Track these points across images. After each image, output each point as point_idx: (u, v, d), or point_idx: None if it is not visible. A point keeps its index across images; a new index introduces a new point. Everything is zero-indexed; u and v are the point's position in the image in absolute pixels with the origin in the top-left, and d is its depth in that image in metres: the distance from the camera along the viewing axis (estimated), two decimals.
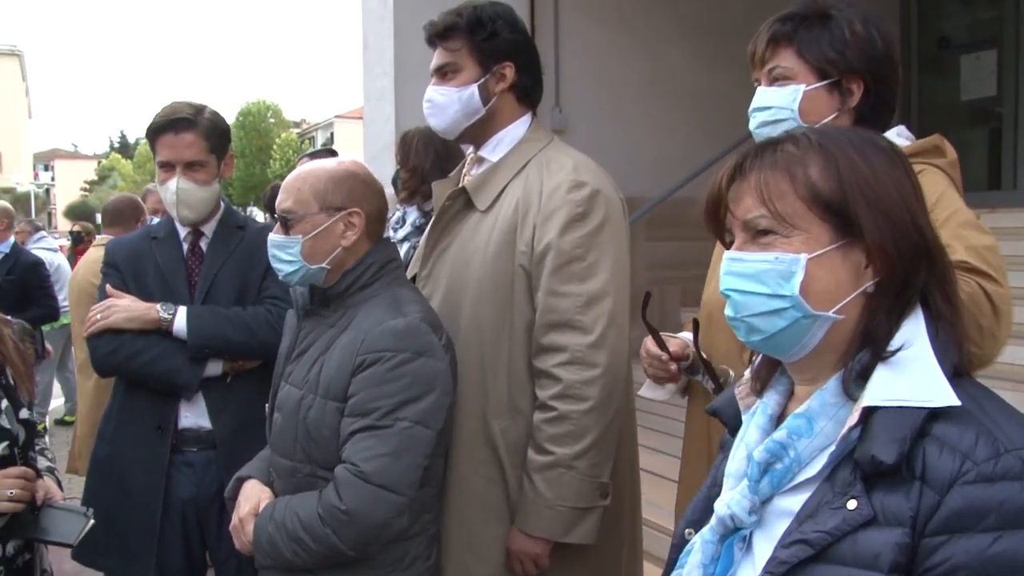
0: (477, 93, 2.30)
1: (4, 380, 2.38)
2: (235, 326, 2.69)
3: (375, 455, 1.94)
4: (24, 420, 2.39)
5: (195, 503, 2.74)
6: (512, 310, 2.21)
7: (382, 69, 6.27)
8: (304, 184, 2.13)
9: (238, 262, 2.81)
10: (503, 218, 2.24)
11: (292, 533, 1.98)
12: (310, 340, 2.15)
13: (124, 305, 2.71)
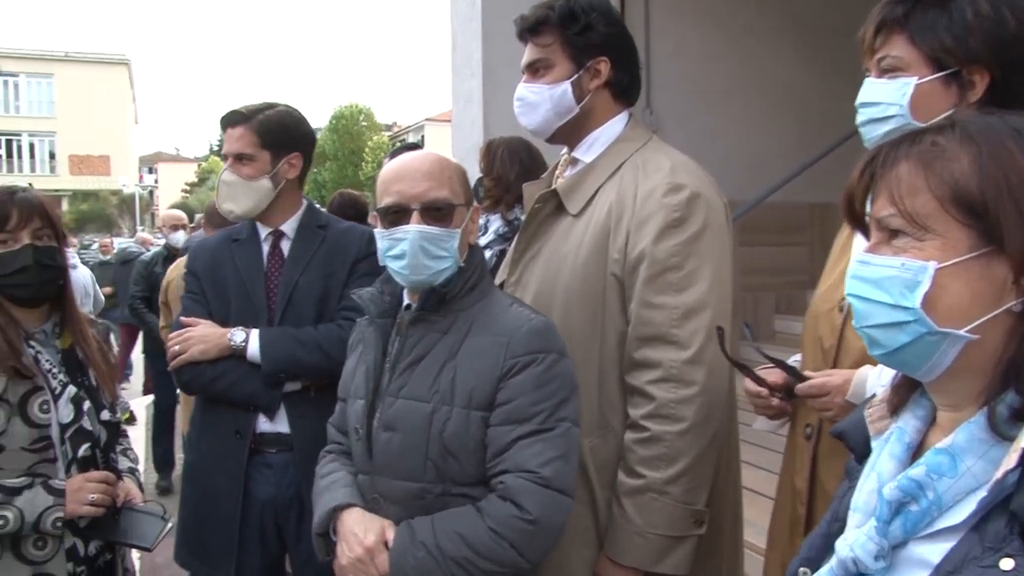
0: (570, 90, 2.17)
1: (87, 381, 2.37)
2: (307, 348, 2.63)
3: (549, 459, 1.81)
4: (105, 421, 2.38)
5: (273, 504, 2.71)
6: (604, 321, 2.08)
7: (470, 71, 6.21)
8: (453, 174, 1.99)
9: (319, 267, 2.74)
10: (595, 223, 2.11)
11: (453, 554, 1.78)
12: (423, 349, 1.95)
13: (198, 336, 2.70)
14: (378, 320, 2.03)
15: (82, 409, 2.30)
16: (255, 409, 2.70)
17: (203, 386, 2.74)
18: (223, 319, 2.75)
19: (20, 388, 2.19)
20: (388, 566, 1.83)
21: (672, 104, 6.50)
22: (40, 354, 2.28)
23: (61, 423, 2.25)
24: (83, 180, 52.60)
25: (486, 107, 5.97)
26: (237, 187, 2.73)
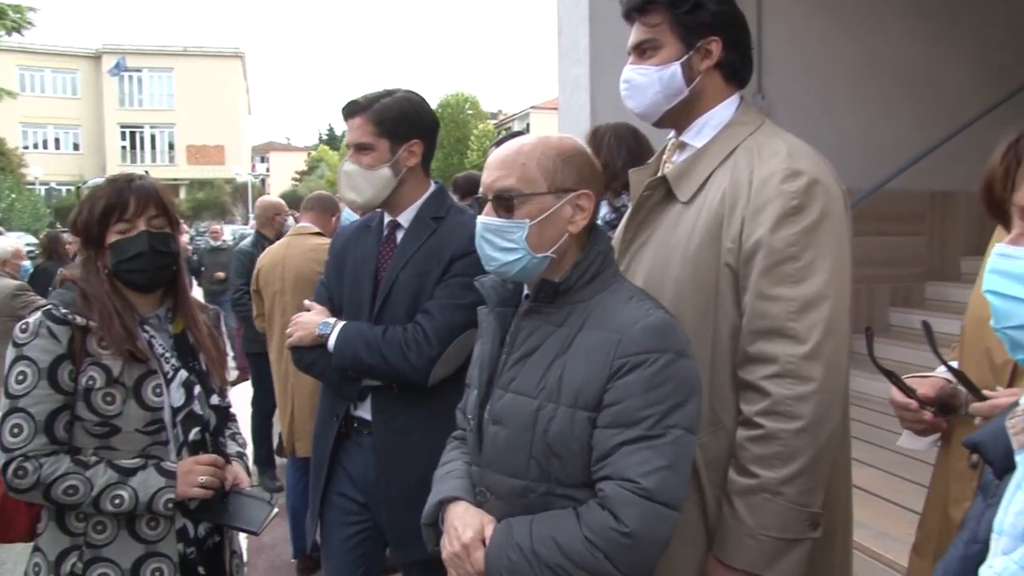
0: (680, 72, 2.08)
1: (198, 366, 2.42)
2: (370, 350, 2.64)
3: (654, 469, 1.69)
4: (215, 406, 2.42)
5: (361, 481, 2.80)
6: (716, 313, 1.99)
7: (577, 57, 6.15)
8: (530, 160, 1.87)
9: (420, 261, 2.72)
10: (707, 211, 2.01)
11: (547, 560, 1.72)
12: (535, 342, 1.88)
13: (302, 322, 2.80)
14: (498, 309, 1.98)
15: (193, 393, 2.35)
16: (341, 396, 2.80)
17: (305, 368, 2.85)
18: (339, 306, 2.83)
19: (135, 371, 2.25)
20: (483, 564, 1.80)
21: (784, 88, 6.30)
22: (154, 339, 2.34)
23: (173, 406, 2.30)
24: (199, 169, 54.62)
25: (593, 93, 5.90)
26: (357, 177, 2.73)
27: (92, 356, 2.22)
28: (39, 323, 2.21)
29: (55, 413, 2.19)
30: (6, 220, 29.02)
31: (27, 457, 2.16)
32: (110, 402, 2.21)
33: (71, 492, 2.16)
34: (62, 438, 2.21)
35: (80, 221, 2.32)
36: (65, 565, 2.23)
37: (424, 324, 2.62)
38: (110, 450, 2.24)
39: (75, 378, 2.20)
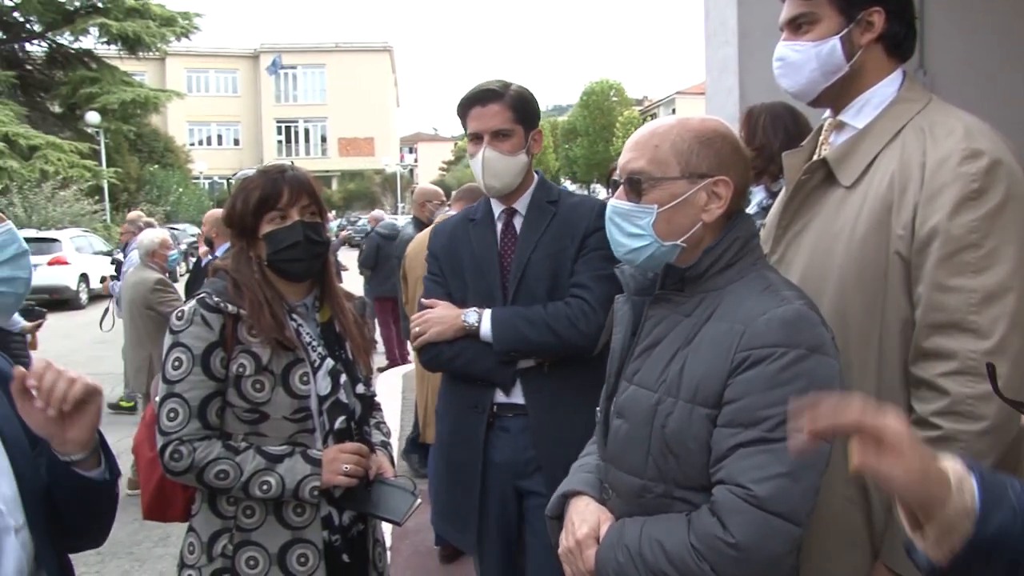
0: (839, 46, 1.93)
1: (344, 355, 2.43)
2: (536, 328, 2.62)
3: (769, 475, 1.56)
4: (360, 395, 2.44)
5: (511, 466, 2.75)
6: (884, 305, 1.84)
7: (724, 38, 5.94)
8: (663, 142, 1.76)
9: (549, 243, 2.71)
10: (874, 195, 1.86)
11: (653, 566, 1.64)
12: (661, 332, 1.79)
13: (436, 317, 2.78)
14: (635, 297, 1.90)
15: (339, 382, 2.36)
16: (492, 385, 2.75)
17: (443, 364, 2.82)
18: (461, 299, 2.80)
19: (283, 360, 2.28)
20: (593, 563, 1.74)
21: (950, 64, 5.90)
22: (301, 327, 2.36)
23: (319, 395, 2.32)
24: (350, 161, 56.45)
25: (742, 75, 5.68)
26: (498, 163, 2.72)
27: (243, 344, 2.27)
28: (193, 311, 2.27)
29: (208, 399, 2.25)
30: (174, 212, 30.79)
31: (182, 441, 2.23)
32: (259, 389, 2.25)
33: (222, 476, 2.22)
34: (214, 423, 2.27)
35: (235, 212, 2.36)
36: (216, 546, 2.29)
37: (585, 295, 2.62)
38: (259, 436, 2.29)
39: (227, 365, 2.26)
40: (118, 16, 33.28)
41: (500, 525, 2.80)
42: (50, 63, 35.24)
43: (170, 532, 5.62)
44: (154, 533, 5.73)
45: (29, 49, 35.21)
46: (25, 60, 34.79)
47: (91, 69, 34.51)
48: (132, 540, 5.66)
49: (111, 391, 8.49)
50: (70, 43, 34.81)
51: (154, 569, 5.25)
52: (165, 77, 49.47)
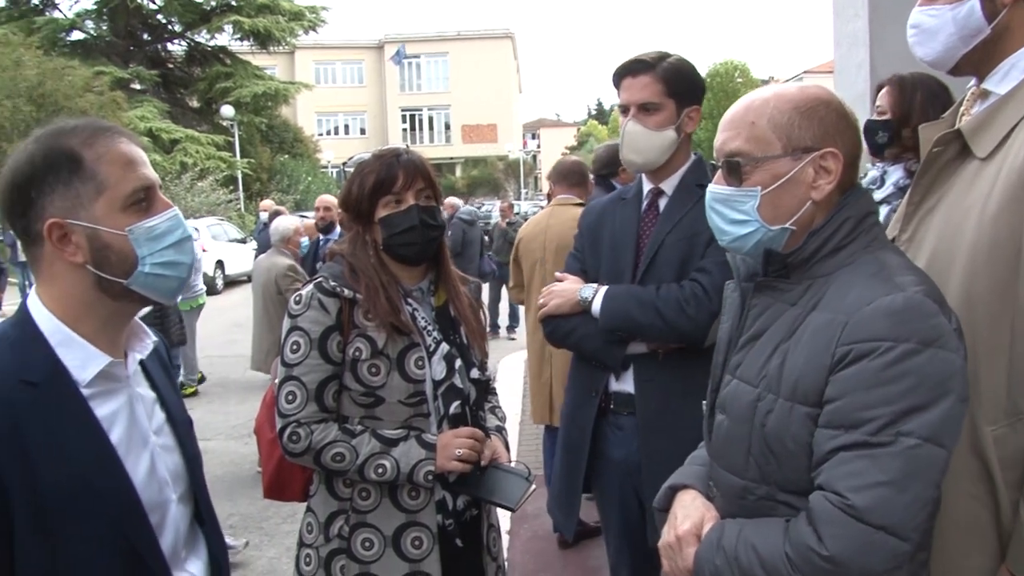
0: (979, 7, 1.75)
1: (459, 339, 2.43)
2: (643, 308, 2.54)
3: (869, 484, 1.43)
4: (475, 379, 2.43)
5: (625, 465, 2.72)
6: (1017, 287, 1.65)
7: (854, 11, 5.68)
8: (760, 117, 1.63)
9: (688, 225, 2.61)
10: (1010, 168, 1.67)
11: (746, 570, 1.54)
12: (764, 322, 1.67)
13: (558, 290, 2.78)
14: (744, 284, 1.77)
15: (454, 366, 2.36)
16: (602, 366, 2.72)
17: (560, 338, 2.81)
18: (595, 277, 2.77)
19: (398, 344, 2.29)
20: (692, 561, 1.66)
21: None
22: (417, 311, 2.37)
23: (434, 379, 2.33)
24: (473, 148, 56.93)
25: (873, 48, 5.42)
26: (641, 137, 2.64)
27: (359, 328, 2.29)
28: (311, 295, 2.31)
29: (325, 382, 2.28)
30: (303, 200, 31.77)
31: (300, 423, 2.27)
32: (375, 373, 2.27)
33: (338, 459, 2.25)
34: (331, 406, 2.30)
35: (351, 197, 2.38)
36: (333, 527, 2.33)
37: (702, 280, 2.53)
38: (374, 420, 2.31)
39: (343, 349, 2.28)
40: (250, 13, 34.65)
41: (623, 526, 2.79)
42: (189, 61, 37.02)
43: (297, 509, 5.73)
44: (282, 510, 5.91)
45: (170, 48, 37.06)
46: (167, 59, 36.67)
47: (226, 65, 36.08)
48: (262, 516, 5.88)
49: (243, 373, 8.83)
50: (206, 41, 36.52)
51: (281, 544, 5.43)
52: (294, 70, 50.98)
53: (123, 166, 1.52)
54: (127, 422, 1.57)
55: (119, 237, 1.51)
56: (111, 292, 1.53)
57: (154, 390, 1.69)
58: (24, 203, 1.48)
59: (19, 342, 1.49)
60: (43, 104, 23.56)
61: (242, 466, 6.77)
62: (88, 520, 1.44)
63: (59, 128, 1.52)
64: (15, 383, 1.42)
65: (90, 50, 33.09)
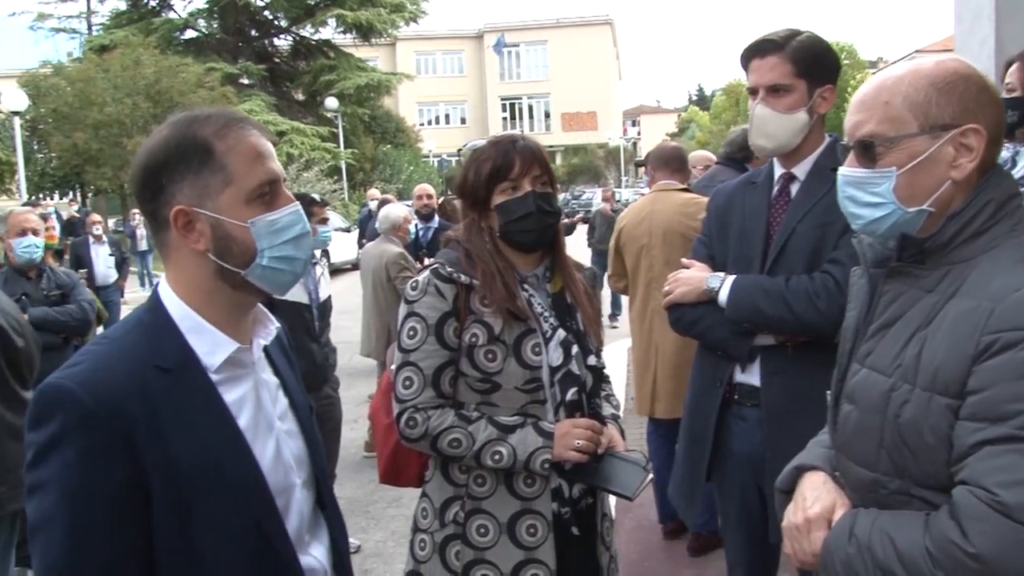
0: None
1: (575, 326, 2.40)
2: (771, 299, 2.47)
3: (1020, 480, 1.35)
4: (592, 366, 2.40)
5: (749, 459, 2.65)
6: None
7: None
8: (894, 96, 1.56)
9: (820, 213, 2.51)
10: None
11: (882, 563, 1.47)
12: (897, 309, 1.60)
13: (685, 278, 2.72)
14: (872, 270, 1.70)
15: (570, 353, 2.33)
16: (728, 357, 2.66)
17: (685, 327, 2.76)
18: (722, 264, 2.71)
19: (515, 330, 2.28)
20: (820, 546, 1.59)
21: None
22: (533, 297, 2.35)
23: (551, 366, 2.30)
24: (573, 135, 56.82)
25: (999, 22, 5.15)
26: (771, 121, 2.55)
27: (475, 314, 2.28)
28: (427, 281, 2.31)
29: (441, 368, 2.28)
30: (405, 190, 32.24)
31: (417, 409, 2.28)
32: (491, 359, 2.26)
33: (455, 445, 2.25)
34: (447, 392, 2.30)
35: (467, 183, 2.37)
36: (448, 513, 2.33)
37: (834, 272, 2.43)
38: (491, 406, 2.31)
39: (459, 335, 2.28)
40: (353, 6, 35.42)
41: (743, 518, 2.73)
42: (294, 55, 38.05)
43: (402, 494, 5.87)
44: (388, 495, 6.01)
45: (276, 43, 38.15)
46: (273, 54, 37.79)
47: (329, 58, 36.95)
48: (368, 500, 6.00)
49: (349, 359, 9.00)
50: (311, 35, 37.43)
51: (387, 528, 5.52)
52: (395, 61, 51.78)
53: (252, 159, 1.53)
54: (254, 407, 1.59)
55: (241, 228, 1.53)
56: (231, 281, 1.55)
57: (277, 376, 1.72)
58: (154, 188, 1.51)
59: (152, 328, 1.53)
60: (159, 100, 24.64)
61: (348, 450, 6.88)
62: (220, 503, 1.48)
63: (194, 116, 1.55)
64: (150, 368, 1.46)
65: (202, 47, 34.37)
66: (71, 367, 1.44)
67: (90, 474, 1.38)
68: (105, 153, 24.66)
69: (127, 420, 1.40)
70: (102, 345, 1.51)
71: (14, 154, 21.67)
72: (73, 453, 1.37)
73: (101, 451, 1.38)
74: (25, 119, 23.17)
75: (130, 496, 1.40)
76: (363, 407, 8.31)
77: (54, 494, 1.38)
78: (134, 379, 1.43)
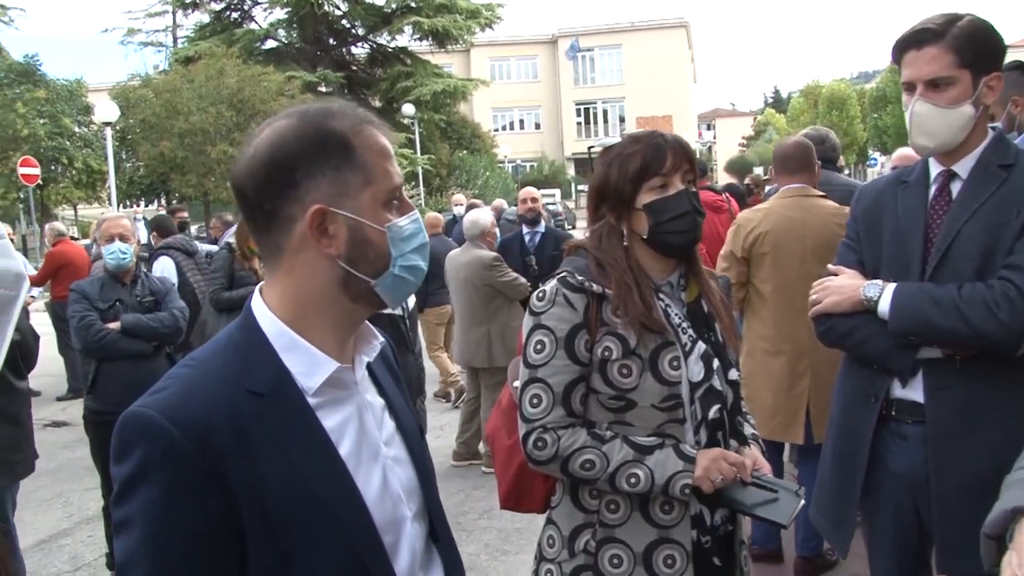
0: None
1: (713, 337, 2.21)
2: (943, 310, 2.24)
3: None
4: (732, 381, 2.20)
5: (907, 479, 2.44)
6: None
7: None
8: None
9: (990, 213, 2.29)
10: None
11: None
12: None
13: (835, 286, 2.52)
14: None
15: (712, 367, 2.14)
16: (886, 371, 2.44)
17: (836, 339, 2.56)
18: (873, 269, 2.51)
19: (651, 343, 2.09)
20: None
21: None
22: (669, 308, 2.17)
23: (691, 381, 2.11)
24: None
25: None
26: (932, 118, 2.34)
27: (608, 325, 2.10)
28: (555, 291, 2.14)
29: (572, 384, 2.11)
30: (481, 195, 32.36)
31: (546, 428, 2.10)
32: (626, 374, 2.08)
33: (587, 467, 2.08)
34: (578, 410, 2.13)
35: (609, 182, 2.19)
36: (579, 541, 2.16)
37: (1014, 278, 2.21)
38: (624, 425, 2.12)
39: (591, 348, 2.11)
40: (429, 13, 35.76)
41: (897, 542, 2.52)
42: (371, 62, 38.58)
43: (493, 505, 5.73)
44: (479, 505, 5.90)
45: (354, 51, 38.79)
46: (351, 62, 38.40)
47: (406, 65, 37.37)
48: (458, 511, 5.83)
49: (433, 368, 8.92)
50: (388, 42, 37.86)
51: (480, 541, 5.34)
52: (470, 67, 52.07)
53: (386, 159, 1.39)
54: (356, 433, 1.42)
55: (379, 233, 1.37)
56: (352, 292, 1.39)
57: (382, 396, 1.55)
58: (284, 182, 1.34)
59: (244, 347, 1.37)
60: (241, 109, 25.17)
61: (435, 459, 6.75)
62: (320, 543, 1.32)
63: (325, 109, 1.39)
64: (242, 392, 1.31)
65: (282, 57, 35.00)
66: (155, 393, 1.30)
67: (176, 512, 1.24)
68: (190, 161, 25.32)
69: (216, 452, 1.25)
70: (189, 368, 1.36)
71: (105, 163, 22.33)
72: (157, 490, 1.24)
73: (188, 487, 1.24)
74: (115, 129, 23.83)
75: (220, 536, 1.26)
76: (447, 414, 8.25)
77: (138, 533, 1.24)
78: (223, 406, 1.29)
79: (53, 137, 26.64)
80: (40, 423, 9.09)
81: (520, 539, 5.17)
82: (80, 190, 29.08)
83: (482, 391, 6.70)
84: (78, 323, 4.86)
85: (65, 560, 5.50)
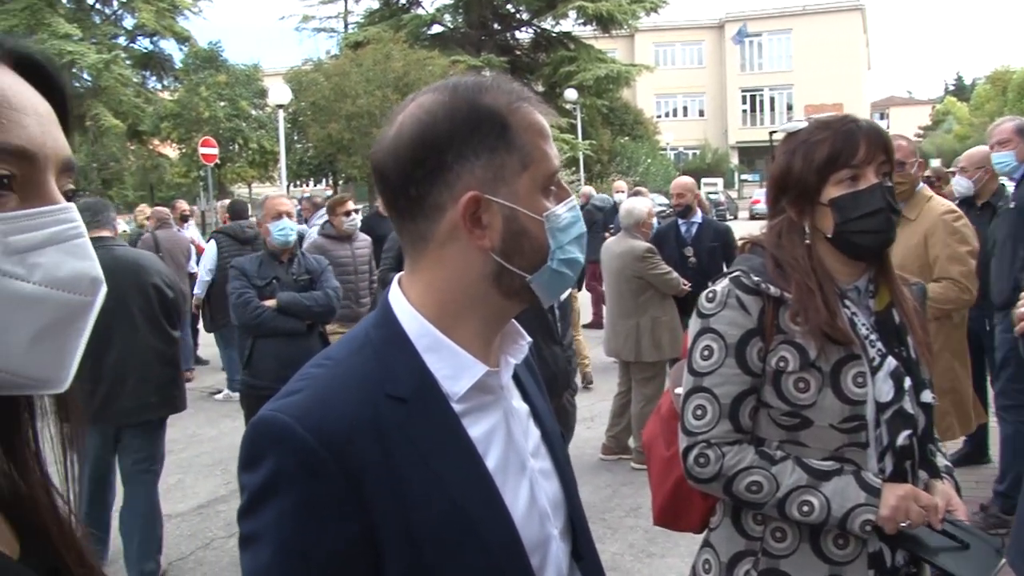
0: None
1: (905, 352, 1.94)
2: None
3: None
4: (924, 404, 1.93)
5: None
6: None
7: None
8: None
9: None
10: None
11: None
12: None
13: None
14: None
15: (903, 386, 1.88)
16: None
17: None
18: None
19: (833, 355, 1.85)
20: None
21: None
22: (855, 316, 1.91)
23: (878, 401, 1.85)
24: None
25: None
26: None
27: (785, 333, 1.87)
28: (727, 292, 1.92)
29: (741, 396, 1.89)
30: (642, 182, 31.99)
31: (709, 444, 1.89)
32: (803, 389, 1.85)
33: (754, 489, 1.86)
34: (747, 425, 1.91)
35: (791, 173, 1.95)
36: (738, 570, 1.94)
37: None
38: (797, 445, 1.89)
39: (764, 358, 1.88)
40: None
41: None
42: (535, 47, 38.76)
43: (641, 503, 5.57)
44: (626, 502, 5.73)
45: (518, 36, 39.10)
46: (515, 47, 38.73)
47: (569, 49, 37.35)
48: (604, 506, 5.68)
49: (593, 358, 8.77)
50: (551, 27, 37.92)
51: (625, 540, 5.16)
52: (634, 52, 51.41)
53: (544, 140, 1.22)
54: (503, 444, 1.27)
55: (536, 223, 1.21)
56: (504, 288, 1.23)
57: (527, 401, 1.39)
58: (435, 166, 1.19)
59: (384, 346, 1.23)
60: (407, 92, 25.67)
61: (584, 451, 6.64)
62: (464, 564, 1.18)
63: (477, 83, 1.22)
64: (382, 398, 1.17)
65: (447, 41, 35.66)
66: (290, 396, 1.18)
67: (310, 529, 1.11)
68: (356, 143, 26.12)
69: (355, 463, 1.11)
70: (324, 368, 1.23)
71: (277, 144, 23.30)
72: (290, 503, 1.11)
73: (323, 501, 1.11)
74: (288, 112, 24.83)
75: (357, 556, 1.12)
76: (600, 404, 8.06)
77: (268, 549, 1.12)
78: (363, 412, 1.15)
79: (231, 119, 28.12)
80: (206, 391, 9.54)
81: (667, 541, 4.96)
82: (254, 169, 30.58)
83: (633, 385, 6.53)
84: (236, 299, 4.99)
85: (220, 525, 5.67)
